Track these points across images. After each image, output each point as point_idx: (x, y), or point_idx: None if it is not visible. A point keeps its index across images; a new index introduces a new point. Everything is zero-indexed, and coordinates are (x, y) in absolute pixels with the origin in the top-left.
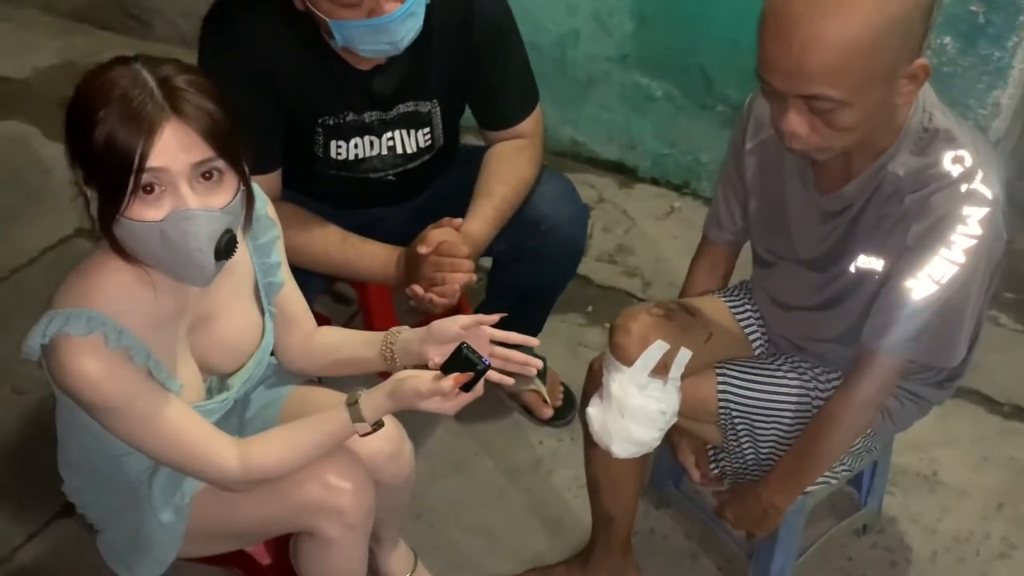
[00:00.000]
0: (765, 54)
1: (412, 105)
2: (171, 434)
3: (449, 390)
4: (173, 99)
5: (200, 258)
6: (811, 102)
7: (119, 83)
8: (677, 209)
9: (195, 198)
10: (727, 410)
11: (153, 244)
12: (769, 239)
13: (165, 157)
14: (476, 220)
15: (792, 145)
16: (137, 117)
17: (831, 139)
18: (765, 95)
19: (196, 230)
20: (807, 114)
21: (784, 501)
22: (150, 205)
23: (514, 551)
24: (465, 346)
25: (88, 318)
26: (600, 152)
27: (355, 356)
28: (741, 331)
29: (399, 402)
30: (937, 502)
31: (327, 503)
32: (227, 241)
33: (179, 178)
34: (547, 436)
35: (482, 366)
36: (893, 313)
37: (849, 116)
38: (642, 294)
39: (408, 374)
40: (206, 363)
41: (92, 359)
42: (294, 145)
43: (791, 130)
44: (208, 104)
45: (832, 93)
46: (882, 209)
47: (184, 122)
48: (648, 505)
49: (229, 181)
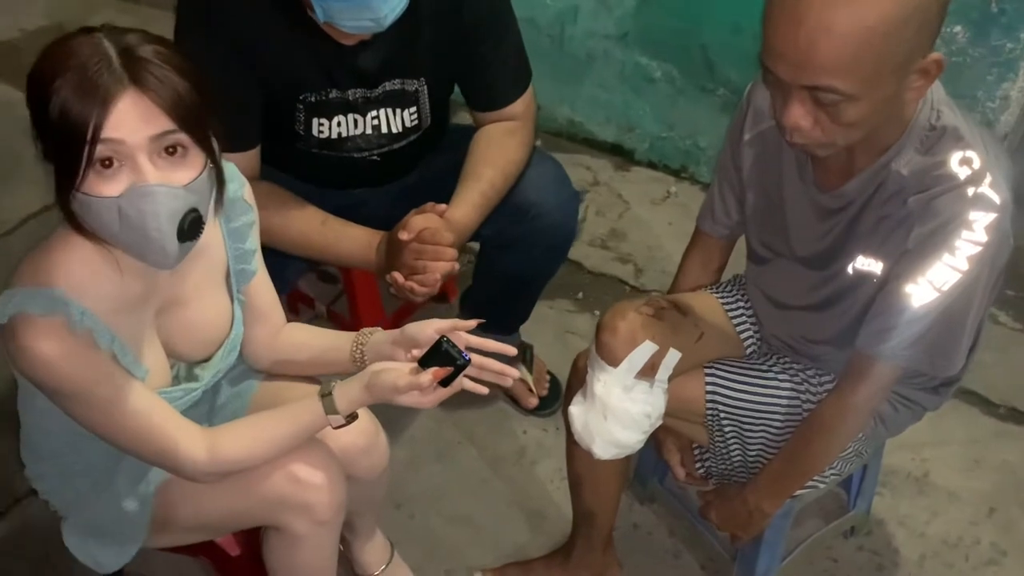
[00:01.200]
0: (770, 40)
1: (398, 83)
2: (135, 422)
3: (427, 385)
4: (133, 69)
5: (160, 238)
6: (816, 94)
7: (78, 52)
8: (674, 194)
9: (155, 173)
10: (715, 411)
11: (111, 222)
12: (765, 234)
13: (122, 129)
14: (461, 206)
15: (793, 139)
16: (92, 86)
17: (835, 134)
18: (767, 84)
19: (155, 208)
20: (811, 106)
21: (771, 505)
22: (107, 180)
23: (495, 543)
24: (445, 340)
25: (49, 298)
26: (597, 133)
27: (323, 356)
28: (733, 329)
29: (375, 395)
30: (927, 504)
31: (295, 498)
32: (192, 221)
33: (137, 151)
34: (532, 426)
35: (462, 361)
36: (890, 319)
37: (856, 111)
38: (634, 281)
39: (384, 366)
40: (172, 349)
41: (52, 341)
42: (275, 122)
43: (793, 123)
44: (172, 76)
45: (840, 85)
46: (883, 209)
47: (144, 93)
48: (632, 499)
49: (194, 157)
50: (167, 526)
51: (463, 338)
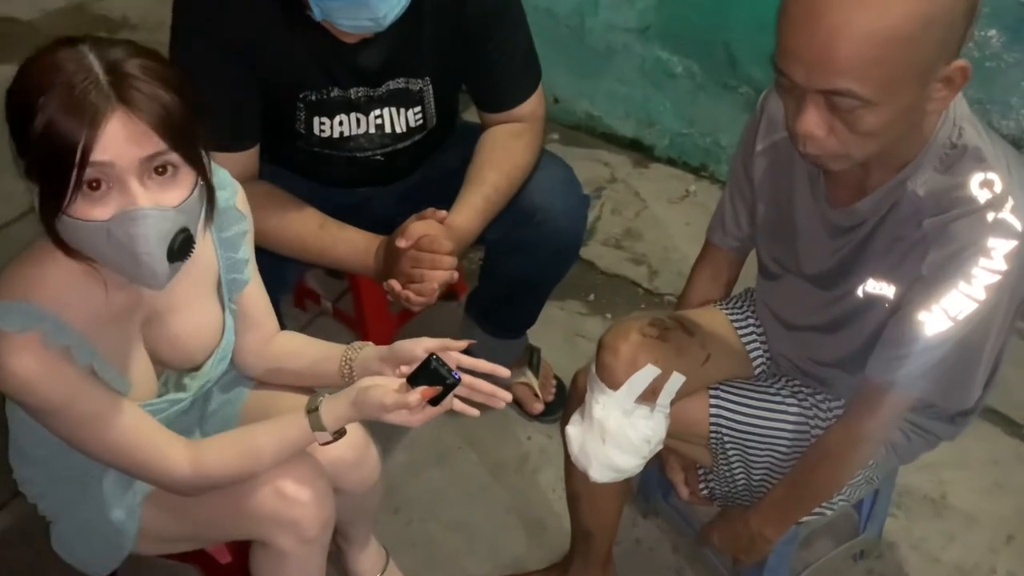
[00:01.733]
0: (785, 41)
1: (402, 82)
2: (115, 438)
3: (415, 404)
4: (121, 87)
5: (150, 261)
6: (833, 99)
7: (63, 68)
8: (692, 193)
9: (145, 195)
10: (718, 434)
11: (99, 245)
12: (775, 249)
13: (111, 151)
14: (463, 211)
15: (806, 149)
16: (79, 106)
17: (850, 145)
18: (779, 90)
19: (145, 231)
20: (826, 114)
21: (774, 532)
22: (95, 203)
23: (492, 553)
24: (435, 358)
25: (24, 313)
26: (616, 128)
27: (313, 368)
28: (743, 348)
29: (362, 412)
30: (943, 528)
31: (281, 515)
32: (182, 242)
33: (127, 173)
34: (536, 432)
35: (451, 380)
36: (901, 348)
37: (874, 119)
38: (648, 284)
39: (372, 382)
40: (160, 358)
41: (27, 357)
42: (275, 120)
43: (806, 131)
44: (161, 93)
45: (858, 89)
46: (897, 231)
47: (133, 112)
48: (635, 513)
49: (185, 176)
50: (154, 535)
51: (454, 357)
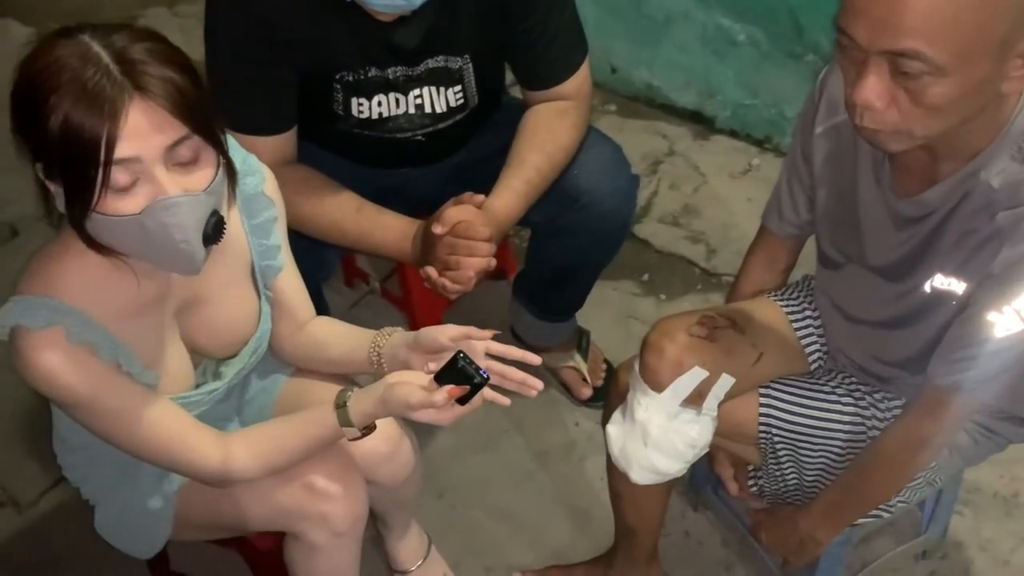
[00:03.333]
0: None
1: (442, 60)
2: (143, 432)
3: (441, 403)
4: (134, 74)
5: (188, 249)
6: (898, 62)
7: (68, 62)
8: (756, 167)
9: (173, 183)
10: (768, 435)
11: (132, 239)
12: (837, 237)
13: (136, 144)
14: (502, 195)
15: (863, 122)
16: (96, 101)
17: (912, 119)
18: (840, 55)
19: (179, 220)
20: (888, 82)
21: (825, 535)
22: (124, 197)
23: (536, 541)
24: (462, 356)
25: (47, 308)
26: (676, 99)
27: (343, 357)
28: (797, 343)
29: (389, 409)
30: (1014, 529)
31: (311, 509)
32: (215, 224)
33: (153, 165)
34: (584, 418)
35: (479, 379)
36: (969, 349)
37: (941, 90)
38: (705, 263)
39: (400, 379)
40: (196, 346)
41: (51, 353)
42: (312, 103)
43: (865, 100)
44: (173, 74)
45: (929, 52)
46: (968, 224)
47: (150, 100)
48: (685, 505)
49: (207, 157)
50: (190, 523)
51: (482, 346)
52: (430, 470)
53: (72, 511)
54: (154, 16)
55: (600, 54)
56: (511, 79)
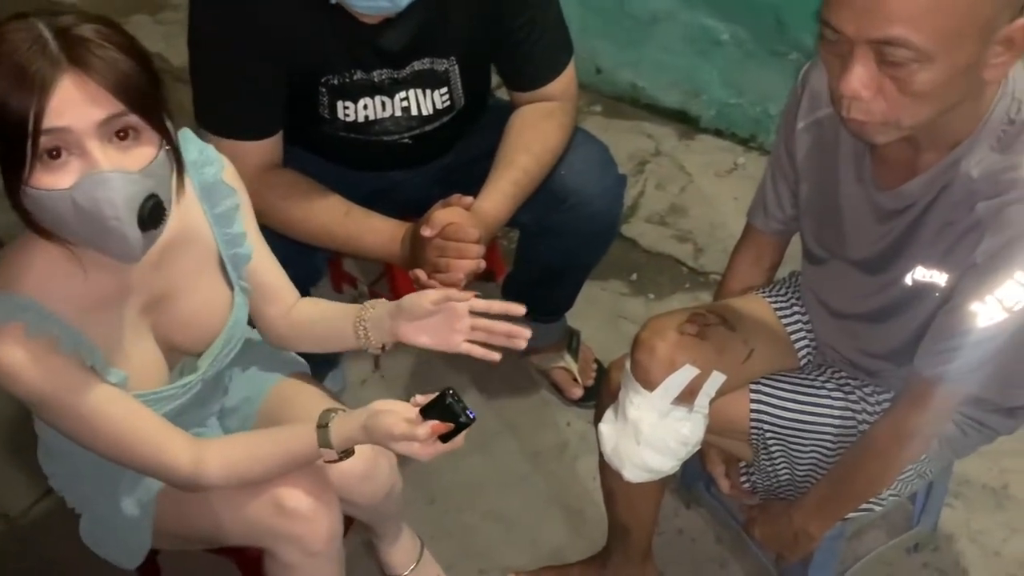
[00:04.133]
0: None
1: (427, 63)
2: (107, 429)
3: (424, 438)
4: (72, 49)
5: (120, 227)
6: (885, 50)
7: (9, 39)
8: (741, 165)
9: (107, 159)
10: (759, 431)
11: (66, 216)
12: (820, 232)
13: (66, 115)
14: (491, 196)
15: (851, 114)
16: (26, 72)
17: (900, 108)
18: (824, 48)
19: (110, 195)
20: (875, 71)
21: (818, 529)
22: (56, 171)
23: (531, 543)
24: (451, 393)
25: (7, 303)
26: (660, 99)
27: (333, 332)
28: (787, 338)
29: (371, 437)
30: (1004, 520)
31: (281, 529)
32: (152, 208)
33: (86, 138)
34: (576, 418)
35: (465, 419)
36: (953, 339)
37: (928, 76)
38: (693, 262)
39: (385, 408)
40: (172, 343)
41: (11, 349)
42: (298, 106)
43: (852, 90)
44: (116, 55)
45: (915, 38)
46: (949, 214)
47: (86, 74)
48: (678, 503)
49: (148, 140)
50: (169, 532)
51: (464, 306)
52: (421, 475)
53: (62, 521)
54: (137, 23)
55: (585, 55)
56: (497, 81)
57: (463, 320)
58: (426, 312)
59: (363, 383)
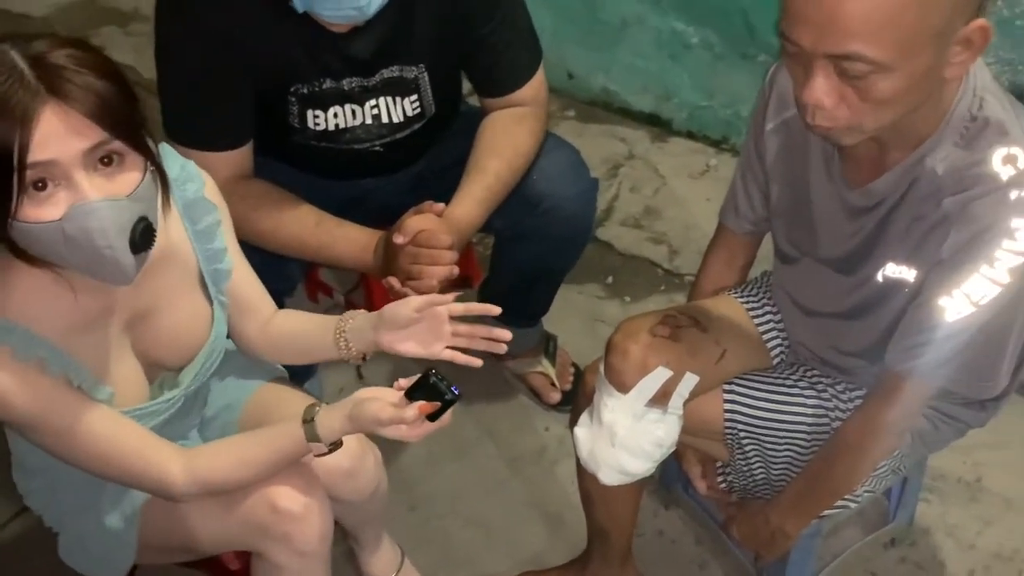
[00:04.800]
0: (791, 1)
1: (397, 70)
2: (99, 447)
3: (412, 420)
4: (49, 79)
5: (113, 255)
6: (843, 64)
7: None
8: (713, 167)
9: (94, 187)
10: (734, 430)
11: (56, 246)
12: (791, 231)
13: (50, 148)
14: (463, 202)
15: (815, 121)
16: (7, 106)
17: (862, 115)
18: (786, 58)
19: (101, 224)
20: (836, 81)
21: (794, 527)
22: (44, 203)
23: (511, 548)
24: (434, 372)
25: None
26: (633, 103)
27: (312, 345)
28: (759, 338)
29: (358, 425)
30: (979, 513)
31: (274, 528)
32: (143, 231)
33: (71, 168)
34: (554, 422)
35: (450, 395)
36: (922, 334)
37: (888, 85)
38: (668, 264)
39: (370, 395)
40: (152, 359)
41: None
42: (268, 116)
43: (815, 100)
44: (93, 80)
45: (870, 53)
46: (917, 210)
47: (66, 104)
48: (657, 504)
49: (133, 163)
50: (153, 545)
51: (441, 312)
52: (402, 482)
53: (37, 540)
54: (106, 35)
55: (557, 60)
56: (468, 87)
57: (444, 326)
58: (408, 320)
59: (341, 391)
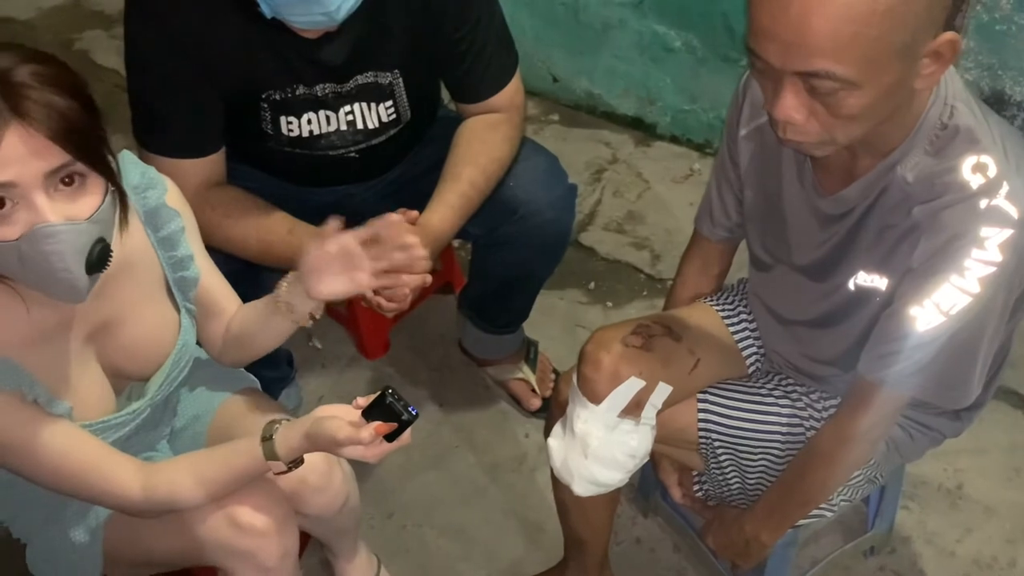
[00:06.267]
0: (757, 19)
1: (371, 76)
2: (53, 463)
3: (368, 441)
4: (13, 99)
5: (69, 277)
6: (811, 81)
7: None
8: (697, 171)
9: (54, 210)
10: (708, 439)
11: (12, 265)
12: (765, 238)
13: (11, 169)
14: (438, 210)
15: (786, 135)
16: None
17: (833, 129)
18: (755, 73)
19: (59, 248)
20: (805, 97)
21: (769, 537)
22: (2, 223)
23: (489, 557)
24: (390, 392)
25: None
26: (616, 106)
27: (264, 327)
28: (735, 346)
29: (316, 444)
30: (959, 520)
31: (236, 545)
32: (99, 252)
33: (32, 190)
34: (534, 429)
35: (407, 416)
36: (893, 344)
37: (857, 100)
38: (650, 269)
39: (328, 413)
40: (119, 370)
41: None
42: (240, 122)
43: (785, 116)
44: (57, 99)
45: (837, 70)
46: (887, 219)
47: (29, 125)
48: (635, 512)
49: (94, 184)
50: (119, 559)
51: (352, 242)
52: (379, 491)
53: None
54: (90, 39)
55: (540, 64)
56: (447, 93)
57: (358, 256)
58: (319, 260)
59: (320, 399)
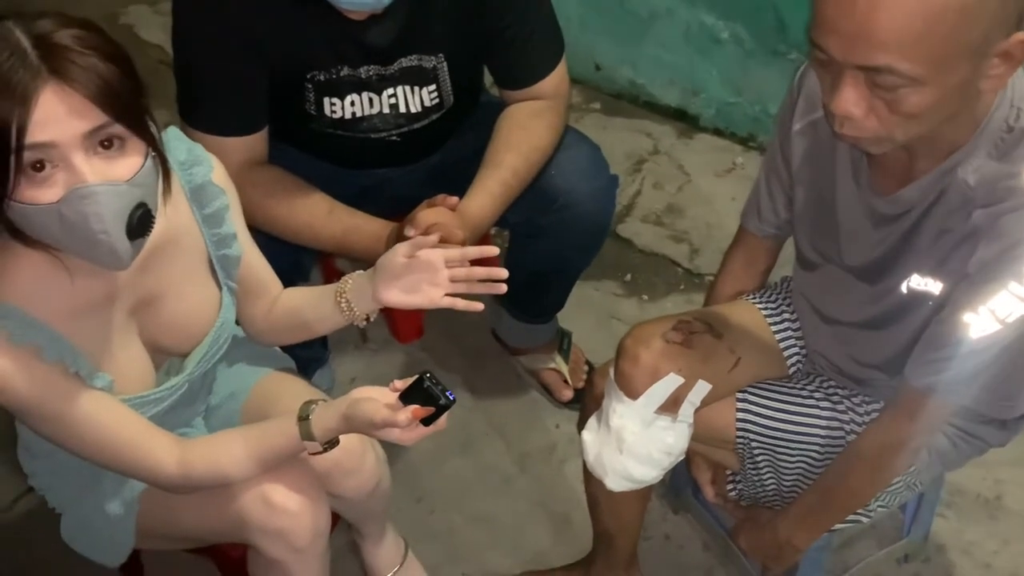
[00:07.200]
0: (821, 9)
1: (415, 59)
2: (95, 435)
3: (405, 424)
4: (52, 59)
5: (109, 240)
6: (873, 76)
7: None
8: (740, 165)
9: (93, 171)
10: (745, 440)
11: (53, 229)
12: (815, 237)
13: (49, 129)
14: (477, 196)
15: (843, 130)
16: (7, 84)
17: (892, 127)
18: (815, 65)
19: (98, 209)
20: (865, 92)
21: (803, 541)
22: (41, 185)
23: (515, 546)
24: (428, 376)
25: None
26: (660, 96)
27: (317, 316)
28: (776, 346)
29: (352, 426)
30: (997, 531)
31: (268, 524)
32: (140, 217)
33: (70, 151)
34: (565, 420)
35: (444, 400)
36: (943, 350)
37: (920, 99)
38: (688, 263)
39: (365, 395)
40: (159, 345)
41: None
42: (284, 103)
43: (844, 110)
44: (97, 62)
45: (902, 66)
46: (945, 222)
47: (68, 85)
48: (665, 508)
49: (134, 148)
50: (152, 532)
51: (434, 257)
52: (408, 475)
53: (45, 518)
54: (136, 14)
55: (584, 51)
56: (491, 79)
57: (440, 273)
58: (401, 267)
59: (352, 381)
